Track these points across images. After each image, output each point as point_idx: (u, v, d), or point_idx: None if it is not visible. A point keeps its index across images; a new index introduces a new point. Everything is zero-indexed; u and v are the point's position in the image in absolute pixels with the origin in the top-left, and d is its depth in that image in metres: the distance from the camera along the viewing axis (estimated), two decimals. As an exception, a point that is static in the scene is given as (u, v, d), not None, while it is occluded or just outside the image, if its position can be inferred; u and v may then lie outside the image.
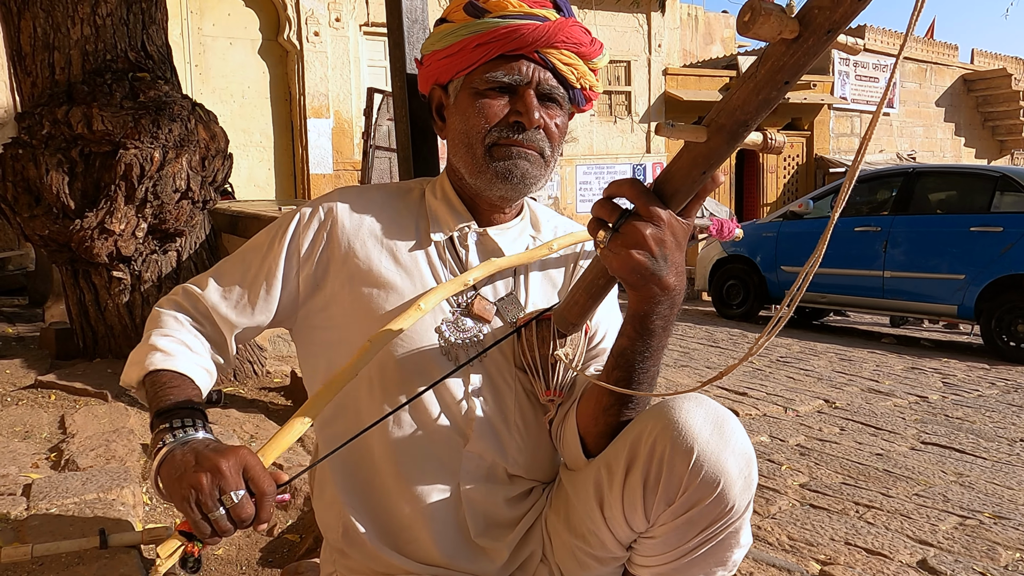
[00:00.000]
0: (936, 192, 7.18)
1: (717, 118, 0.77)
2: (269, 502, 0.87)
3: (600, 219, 0.87)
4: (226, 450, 0.88)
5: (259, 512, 0.87)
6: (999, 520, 2.28)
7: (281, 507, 1.95)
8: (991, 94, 17.04)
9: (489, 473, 1.11)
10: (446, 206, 1.17)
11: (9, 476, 2.07)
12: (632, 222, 0.84)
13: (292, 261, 1.12)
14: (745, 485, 0.94)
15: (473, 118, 1.09)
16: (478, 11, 1.08)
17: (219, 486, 0.85)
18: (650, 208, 0.84)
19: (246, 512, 0.85)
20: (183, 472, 0.86)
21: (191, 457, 0.88)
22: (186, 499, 0.84)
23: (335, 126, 10.75)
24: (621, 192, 0.86)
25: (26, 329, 4.70)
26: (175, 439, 0.92)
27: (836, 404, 3.91)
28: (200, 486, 0.84)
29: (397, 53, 1.52)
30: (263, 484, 0.87)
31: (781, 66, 0.71)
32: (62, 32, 3.07)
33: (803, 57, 0.70)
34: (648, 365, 0.96)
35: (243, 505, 0.85)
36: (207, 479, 0.84)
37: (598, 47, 1.13)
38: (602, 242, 0.86)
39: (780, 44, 0.70)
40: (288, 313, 1.15)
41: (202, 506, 0.84)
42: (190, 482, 0.85)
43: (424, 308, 1.08)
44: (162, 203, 3.08)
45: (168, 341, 1.07)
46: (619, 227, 0.84)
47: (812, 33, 0.68)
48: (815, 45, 0.69)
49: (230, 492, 0.85)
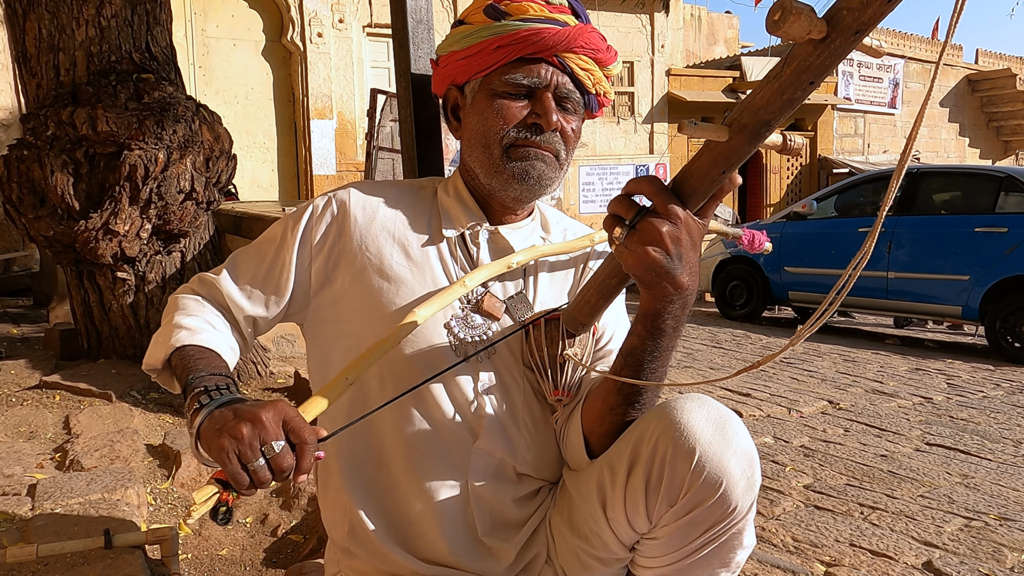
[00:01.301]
0: (940, 193, 7.16)
1: (740, 117, 0.77)
2: (310, 451, 0.86)
3: (617, 216, 0.87)
4: (265, 403, 0.89)
5: (299, 462, 0.86)
6: (1005, 522, 2.27)
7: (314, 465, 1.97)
8: (996, 94, 17.00)
9: (498, 471, 1.11)
10: (459, 204, 1.18)
11: (14, 476, 2.08)
12: (649, 219, 0.84)
13: (305, 252, 1.13)
14: (748, 486, 0.94)
15: (491, 119, 1.10)
16: (498, 14, 1.08)
17: (260, 436, 0.84)
18: (668, 206, 0.84)
19: (286, 462, 0.85)
20: (223, 425, 0.86)
21: (230, 413, 0.88)
22: (226, 450, 0.84)
23: (338, 127, 10.77)
24: (640, 189, 0.87)
25: (31, 330, 4.72)
26: (211, 400, 0.92)
27: (840, 405, 3.90)
28: (240, 436, 0.84)
29: (401, 54, 1.52)
30: (303, 434, 0.87)
31: (807, 66, 0.71)
32: (67, 34, 3.08)
33: (830, 58, 0.70)
34: (657, 365, 0.96)
35: (283, 455, 0.85)
36: (247, 429, 0.84)
37: (613, 54, 1.15)
38: (618, 239, 0.86)
39: (807, 44, 0.70)
40: (300, 305, 1.16)
41: (242, 456, 0.84)
42: (231, 432, 0.84)
43: (469, 284, 1.10)
44: (166, 204, 3.09)
45: (191, 319, 1.08)
46: (636, 224, 0.85)
47: (840, 34, 0.68)
48: (842, 46, 0.69)
49: (271, 442, 0.84)
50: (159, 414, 2.76)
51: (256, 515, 2.07)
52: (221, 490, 0.84)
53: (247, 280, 1.14)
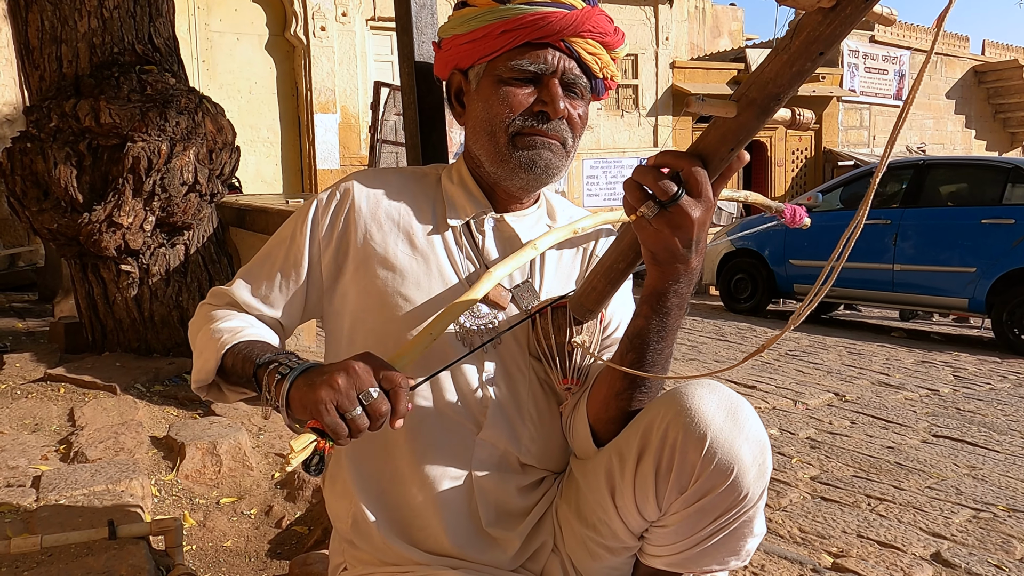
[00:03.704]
0: (947, 184, 7.12)
1: (748, 92, 0.75)
2: (404, 394, 0.88)
3: (645, 189, 0.84)
4: (353, 356, 0.91)
5: (395, 406, 0.88)
6: (1013, 513, 2.25)
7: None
8: (1002, 86, 16.90)
9: (501, 461, 1.10)
10: (463, 192, 1.16)
11: (19, 468, 2.08)
12: (682, 206, 0.82)
13: (314, 248, 1.12)
14: (759, 473, 0.92)
15: (497, 106, 1.08)
16: None
17: (355, 385, 0.86)
18: (706, 193, 0.83)
19: (383, 407, 0.87)
20: (314, 381, 0.87)
21: (317, 372, 0.89)
22: (323, 401, 0.85)
23: (342, 121, 10.75)
24: (679, 165, 0.82)
25: (36, 324, 4.73)
26: (291, 370, 0.93)
27: (846, 397, 3.88)
28: (337, 386, 0.86)
29: (405, 39, 1.50)
30: (397, 379, 0.89)
31: (817, 36, 0.70)
32: (69, 25, 3.07)
33: (840, 27, 0.69)
34: (662, 346, 0.95)
35: (380, 401, 0.87)
36: (343, 379, 0.86)
37: (620, 36, 1.12)
38: (643, 215, 0.83)
39: (816, 13, 0.69)
40: (316, 301, 1.15)
41: (340, 406, 0.85)
42: (327, 383, 0.86)
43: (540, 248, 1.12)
44: (169, 196, 3.08)
45: (226, 324, 1.07)
46: (669, 207, 0.82)
47: (850, 1, 0.67)
48: (852, 14, 0.67)
49: (367, 389, 0.86)
50: (163, 406, 2.76)
51: (261, 506, 2.07)
52: (318, 439, 0.86)
53: (262, 286, 1.13)
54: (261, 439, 2.49)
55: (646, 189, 0.84)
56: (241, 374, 1.00)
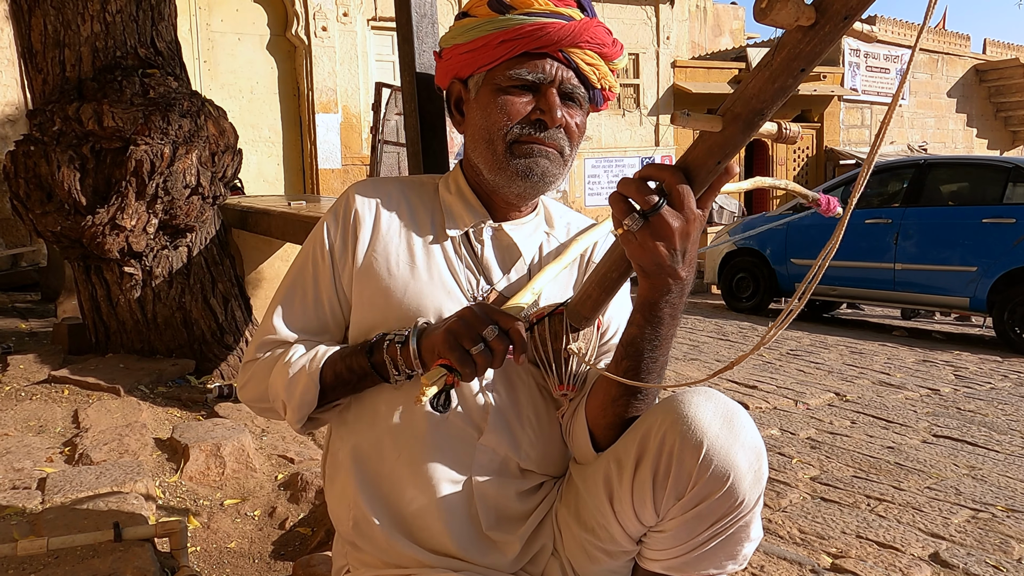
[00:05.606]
0: (948, 183, 7.12)
1: (732, 107, 0.76)
2: (520, 329, 0.97)
3: (629, 202, 0.86)
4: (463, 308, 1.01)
5: (516, 342, 0.96)
6: (1012, 513, 2.26)
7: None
8: (1004, 84, 16.86)
9: (501, 467, 1.12)
10: (461, 201, 1.17)
11: (24, 470, 2.10)
12: (664, 215, 0.84)
13: (336, 270, 1.15)
14: (755, 479, 0.94)
15: (495, 114, 1.09)
16: (503, 7, 1.07)
17: (474, 326, 0.95)
18: (689, 205, 0.84)
19: (503, 344, 0.96)
20: (436, 327, 1.00)
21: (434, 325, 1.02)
22: (447, 341, 0.95)
23: (343, 121, 10.76)
24: (661, 177, 0.85)
25: (39, 325, 4.74)
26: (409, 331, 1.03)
27: (847, 397, 3.89)
28: (458, 328, 0.96)
29: (406, 48, 1.51)
30: (508, 319, 0.97)
31: (797, 54, 0.71)
32: (72, 29, 3.08)
33: (819, 44, 0.69)
34: (657, 354, 0.96)
35: (499, 338, 0.95)
36: (462, 322, 0.96)
37: (619, 48, 1.13)
38: (629, 227, 0.85)
39: (796, 31, 0.70)
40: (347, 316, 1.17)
41: (463, 342, 0.94)
42: (449, 328, 0.97)
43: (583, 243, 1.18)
44: (172, 199, 3.10)
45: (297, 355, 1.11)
46: (650, 217, 0.84)
47: (829, 20, 0.68)
48: (831, 32, 0.68)
49: (486, 327, 0.95)
50: (167, 408, 2.77)
51: (264, 508, 2.08)
52: (446, 373, 0.93)
53: (301, 325, 1.16)
54: (264, 441, 2.50)
55: (631, 202, 0.86)
56: (348, 378, 1.07)
